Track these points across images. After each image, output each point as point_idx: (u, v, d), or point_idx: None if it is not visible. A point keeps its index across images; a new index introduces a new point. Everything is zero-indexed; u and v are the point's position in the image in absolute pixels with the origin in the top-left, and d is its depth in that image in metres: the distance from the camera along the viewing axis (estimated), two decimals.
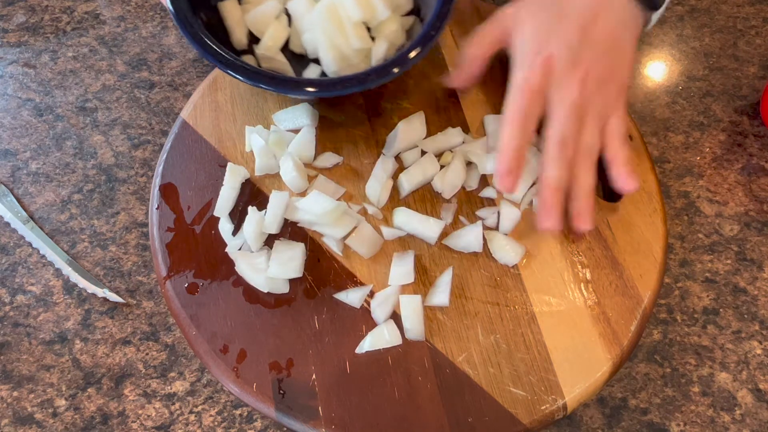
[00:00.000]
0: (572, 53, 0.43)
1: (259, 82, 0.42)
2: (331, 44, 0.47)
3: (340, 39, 0.47)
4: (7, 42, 0.59)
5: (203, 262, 0.44)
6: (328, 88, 0.42)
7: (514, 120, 0.43)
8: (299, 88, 0.42)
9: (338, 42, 0.47)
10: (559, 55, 0.43)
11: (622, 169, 0.43)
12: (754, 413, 0.42)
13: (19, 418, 0.42)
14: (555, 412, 0.39)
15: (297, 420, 0.39)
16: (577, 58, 0.43)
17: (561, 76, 0.43)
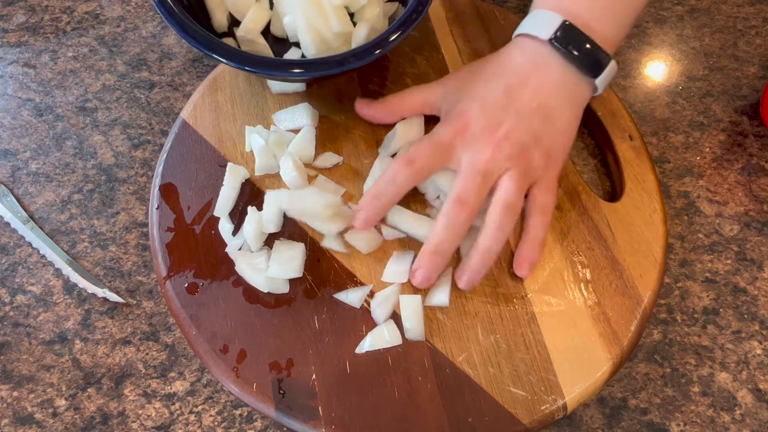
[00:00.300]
0: (492, 115, 0.42)
1: (235, 61, 0.42)
2: (311, 27, 0.46)
3: (320, 22, 0.46)
4: (7, 42, 0.59)
5: (203, 262, 0.44)
6: (307, 68, 0.42)
7: (399, 163, 0.41)
8: (277, 68, 0.42)
9: (318, 25, 0.46)
10: (477, 116, 0.42)
11: (525, 252, 0.42)
12: (754, 413, 0.42)
13: (19, 418, 0.42)
14: (555, 412, 0.39)
15: (297, 420, 0.39)
16: (497, 121, 0.42)
17: (476, 137, 0.42)
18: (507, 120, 0.42)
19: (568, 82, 0.43)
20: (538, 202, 0.43)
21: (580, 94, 0.44)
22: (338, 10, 0.47)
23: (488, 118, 0.42)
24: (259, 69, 0.42)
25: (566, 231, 0.44)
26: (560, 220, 0.45)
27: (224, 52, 0.42)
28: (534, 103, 0.42)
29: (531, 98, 0.43)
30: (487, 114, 0.42)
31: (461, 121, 0.42)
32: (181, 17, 0.43)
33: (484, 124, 0.42)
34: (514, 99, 0.43)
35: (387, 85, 0.51)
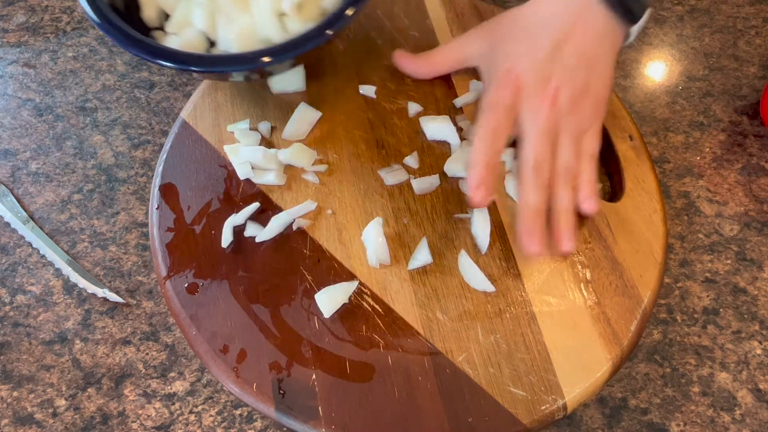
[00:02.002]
0: (541, 71, 0.43)
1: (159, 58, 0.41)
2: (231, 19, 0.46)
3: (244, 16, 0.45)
4: (7, 42, 0.59)
5: (203, 262, 0.44)
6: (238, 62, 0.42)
7: (484, 137, 0.42)
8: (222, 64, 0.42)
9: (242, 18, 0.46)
10: (527, 73, 0.43)
11: (585, 190, 0.43)
12: (754, 413, 0.42)
13: (19, 418, 0.42)
14: (555, 412, 0.39)
15: (297, 420, 0.39)
16: (547, 75, 0.43)
17: (531, 94, 0.43)
18: (556, 74, 0.43)
19: (608, 29, 0.44)
20: (587, 150, 0.44)
21: (618, 40, 0.45)
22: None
23: (538, 75, 0.43)
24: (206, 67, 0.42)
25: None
26: None
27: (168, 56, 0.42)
28: (579, 54, 0.43)
29: (576, 49, 0.43)
30: (537, 70, 0.43)
31: (512, 80, 0.43)
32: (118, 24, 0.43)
33: (536, 81, 0.43)
34: (560, 51, 0.43)
35: (387, 85, 0.51)
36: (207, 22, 0.46)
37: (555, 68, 0.43)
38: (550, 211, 0.42)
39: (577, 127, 0.43)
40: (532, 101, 0.43)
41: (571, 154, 0.43)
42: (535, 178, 0.42)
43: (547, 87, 0.43)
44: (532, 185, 0.42)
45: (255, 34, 0.45)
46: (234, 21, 0.45)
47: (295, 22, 0.45)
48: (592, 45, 0.44)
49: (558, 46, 0.43)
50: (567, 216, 0.42)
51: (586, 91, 0.43)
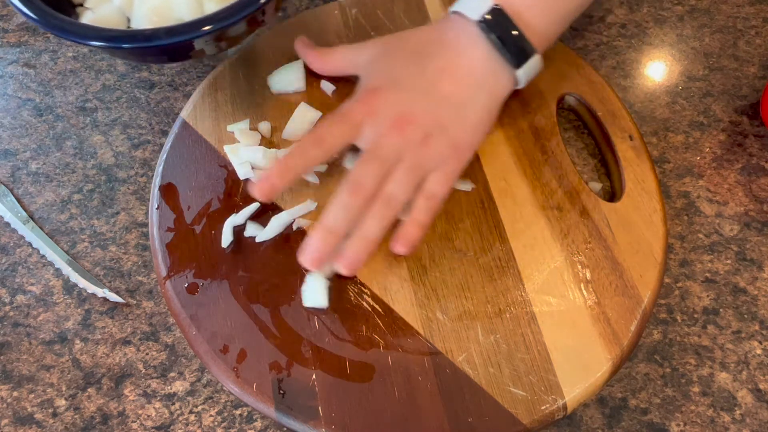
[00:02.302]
0: (404, 97, 0.42)
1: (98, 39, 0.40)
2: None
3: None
4: (7, 42, 0.59)
5: (203, 262, 0.44)
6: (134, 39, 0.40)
7: (302, 142, 0.42)
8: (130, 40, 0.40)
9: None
10: (389, 96, 0.42)
11: (406, 230, 0.42)
12: (754, 413, 0.42)
13: (19, 418, 0.42)
14: (555, 412, 0.39)
15: (297, 420, 0.39)
16: (407, 104, 0.42)
17: (382, 116, 0.42)
18: (417, 105, 0.42)
19: (488, 71, 0.43)
20: (428, 188, 0.43)
21: (499, 84, 0.44)
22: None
23: (400, 100, 0.42)
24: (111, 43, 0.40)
25: (566, 231, 0.44)
26: (560, 220, 0.45)
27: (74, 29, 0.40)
28: (449, 90, 0.42)
29: (447, 84, 0.43)
30: (400, 95, 0.42)
31: (373, 99, 0.42)
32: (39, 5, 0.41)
33: (395, 106, 0.42)
34: (430, 84, 0.43)
35: None
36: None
37: (420, 99, 0.42)
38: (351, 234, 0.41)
39: (421, 163, 0.42)
40: (379, 123, 0.42)
41: (402, 186, 0.41)
42: (347, 198, 0.40)
43: (404, 116, 0.41)
44: (338, 204, 0.41)
45: (170, 11, 0.44)
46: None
47: (213, 4, 0.43)
48: (469, 84, 0.43)
49: (430, 76, 0.43)
50: (359, 245, 0.41)
51: (444, 130, 0.42)
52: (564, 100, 0.51)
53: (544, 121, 0.49)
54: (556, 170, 0.47)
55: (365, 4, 0.55)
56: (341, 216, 0.41)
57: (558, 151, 0.48)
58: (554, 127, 0.49)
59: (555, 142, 0.48)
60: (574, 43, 0.57)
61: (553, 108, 0.49)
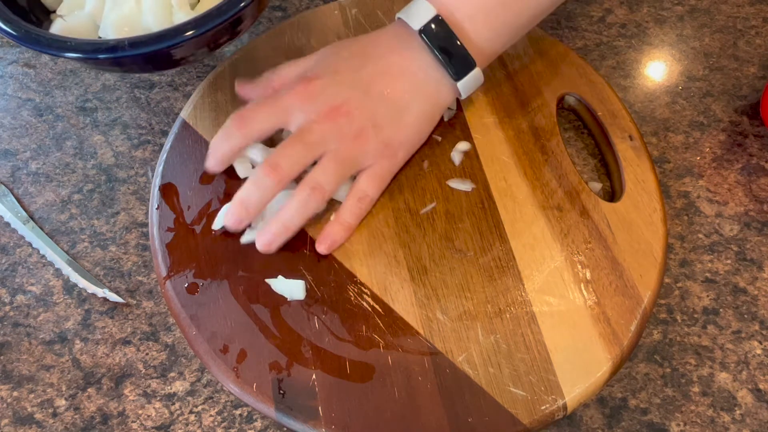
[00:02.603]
0: (340, 90, 0.41)
1: (66, 51, 0.39)
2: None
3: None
4: (7, 42, 0.59)
5: (203, 262, 0.44)
6: (96, 50, 0.39)
7: (234, 122, 0.42)
8: (112, 50, 0.39)
9: (127, 4, 0.43)
10: (325, 85, 0.42)
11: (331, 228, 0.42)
12: (754, 413, 0.42)
13: (19, 418, 0.42)
14: (555, 412, 0.39)
15: (297, 420, 0.39)
16: (343, 96, 0.41)
17: (315, 106, 0.41)
18: (353, 99, 0.42)
19: (430, 78, 0.43)
20: (358, 188, 0.43)
21: (440, 93, 0.44)
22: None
23: (335, 91, 0.42)
24: (87, 54, 0.39)
25: (566, 231, 0.44)
26: (560, 220, 0.45)
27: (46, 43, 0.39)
28: (387, 90, 0.42)
29: (386, 85, 0.42)
30: (337, 87, 0.42)
31: (309, 86, 0.42)
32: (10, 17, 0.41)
33: (329, 96, 0.42)
34: (369, 82, 0.42)
35: None
36: (96, 6, 0.44)
37: (356, 94, 0.42)
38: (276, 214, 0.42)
39: (351, 156, 0.41)
40: (312, 110, 0.41)
41: (329, 176, 0.41)
42: (261, 176, 0.40)
43: (337, 107, 0.41)
44: (252, 181, 0.41)
45: (138, 23, 0.43)
46: (120, 6, 0.43)
47: (182, 15, 0.43)
48: (406, 89, 0.43)
49: (369, 75, 0.42)
50: (277, 228, 0.41)
51: (379, 129, 0.42)
52: (564, 100, 0.51)
53: (544, 121, 0.49)
54: (556, 170, 0.47)
55: (365, 4, 0.55)
56: (254, 193, 0.41)
57: (558, 151, 0.48)
58: (554, 127, 0.49)
59: (555, 142, 0.48)
60: (574, 43, 0.57)
61: (553, 108, 0.49)
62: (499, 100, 0.50)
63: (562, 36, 0.58)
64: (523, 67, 0.51)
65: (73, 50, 0.39)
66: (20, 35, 0.40)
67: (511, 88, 0.50)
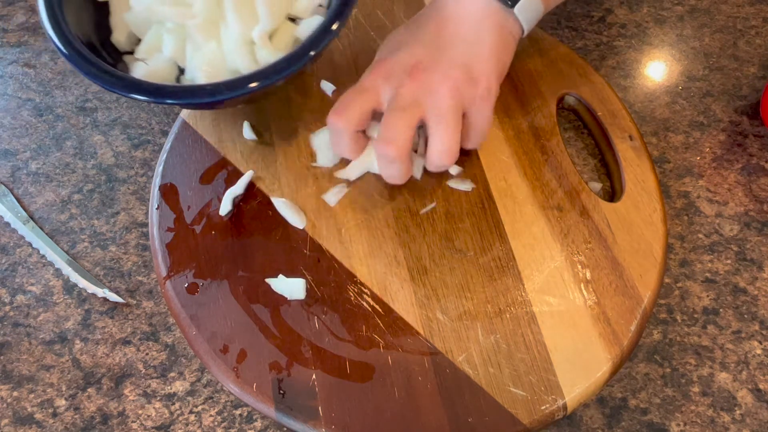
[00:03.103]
0: (412, 53, 0.43)
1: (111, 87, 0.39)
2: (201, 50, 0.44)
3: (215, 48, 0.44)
4: (7, 42, 0.59)
5: (203, 262, 0.44)
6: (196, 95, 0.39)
7: (332, 118, 0.43)
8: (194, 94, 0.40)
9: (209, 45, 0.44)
10: (398, 57, 0.43)
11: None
12: (754, 413, 0.42)
13: (19, 418, 0.42)
14: (555, 412, 0.39)
15: (297, 420, 0.39)
16: (417, 57, 0.43)
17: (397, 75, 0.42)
18: (426, 54, 0.43)
19: (490, 11, 0.44)
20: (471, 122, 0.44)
21: (506, 22, 0.44)
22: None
23: (408, 55, 0.43)
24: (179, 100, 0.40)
25: (566, 231, 0.44)
26: (560, 220, 0.45)
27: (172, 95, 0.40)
28: (455, 35, 0.43)
29: (452, 31, 0.43)
30: (407, 52, 0.43)
31: (384, 64, 0.43)
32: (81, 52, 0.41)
33: (404, 62, 0.43)
34: (435, 34, 0.43)
35: None
36: (176, 49, 0.44)
37: (428, 50, 0.43)
38: None
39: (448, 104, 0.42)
40: (395, 80, 0.42)
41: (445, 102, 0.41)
42: (383, 155, 0.42)
43: (416, 67, 0.42)
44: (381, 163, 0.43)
45: (223, 63, 0.43)
46: (201, 49, 0.43)
47: (265, 52, 0.43)
48: (471, 27, 0.43)
49: (433, 30, 0.43)
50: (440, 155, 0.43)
51: (462, 67, 0.42)
52: (564, 100, 0.51)
53: (544, 121, 0.49)
54: (556, 170, 0.47)
55: (365, 4, 0.55)
56: (391, 172, 0.43)
57: (558, 151, 0.48)
58: (554, 127, 0.49)
59: (555, 142, 0.48)
60: (574, 43, 0.57)
61: (553, 108, 0.49)
62: (499, 100, 0.50)
63: (562, 36, 0.58)
64: (523, 67, 0.51)
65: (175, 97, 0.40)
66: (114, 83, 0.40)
67: (511, 88, 0.50)
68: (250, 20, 0.43)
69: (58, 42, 0.41)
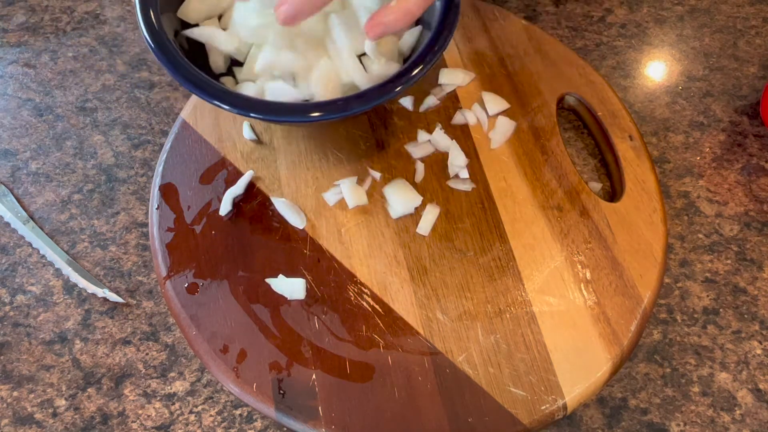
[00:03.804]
0: None
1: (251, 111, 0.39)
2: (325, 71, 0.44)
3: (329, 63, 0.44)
4: (7, 42, 0.59)
5: (203, 262, 0.44)
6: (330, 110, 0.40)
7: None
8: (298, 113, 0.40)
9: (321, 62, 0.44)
10: None
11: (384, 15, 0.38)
12: (754, 413, 0.42)
13: (19, 418, 0.42)
14: (555, 412, 0.39)
15: (297, 420, 0.39)
16: None
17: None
18: None
19: None
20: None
21: None
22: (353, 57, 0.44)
23: None
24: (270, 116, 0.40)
25: (566, 231, 0.44)
26: (560, 220, 0.45)
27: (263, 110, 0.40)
28: None
29: None
30: None
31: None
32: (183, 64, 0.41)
33: None
34: None
35: None
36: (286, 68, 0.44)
37: None
38: None
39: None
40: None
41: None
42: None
43: None
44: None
45: (338, 78, 0.44)
46: (316, 66, 0.44)
47: (375, 63, 0.44)
48: None
49: None
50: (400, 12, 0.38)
51: None
52: (564, 100, 0.51)
53: (544, 121, 0.49)
54: (556, 170, 0.47)
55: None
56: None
57: (558, 151, 0.48)
58: (554, 127, 0.49)
59: (555, 142, 0.48)
60: (574, 43, 0.57)
61: (553, 108, 0.50)
62: (503, 100, 0.50)
63: (562, 36, 0.58)
64: (523, 67, 0.51)
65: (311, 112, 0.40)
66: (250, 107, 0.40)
67: (511, 88, 0.50)
68: (357, 35, 0.43)
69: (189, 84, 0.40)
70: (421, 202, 0.45)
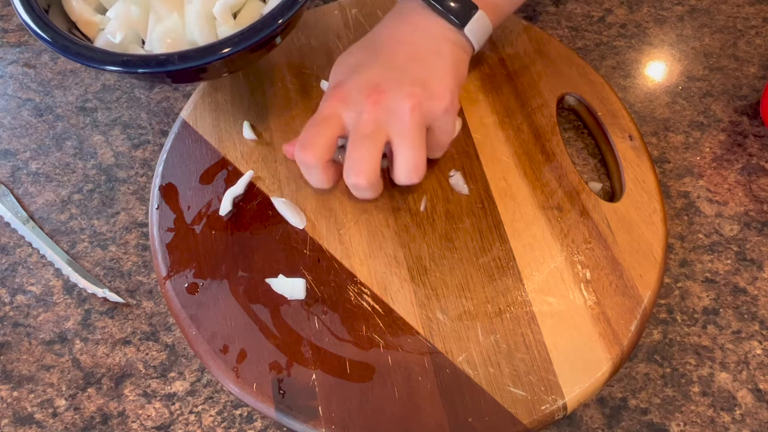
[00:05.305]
0: (368, 76, 0.42)
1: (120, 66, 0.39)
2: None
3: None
4: (7, 42, 0.59)
5: (203, 262, 0.44)
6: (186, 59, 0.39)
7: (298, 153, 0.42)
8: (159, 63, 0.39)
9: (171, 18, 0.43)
10: (353, 81, 0.42)
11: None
12: (754, 413, 0.42)
13: (19, 418, 0.42)
14: (555, 412, 0.39)
15: (297, 420, 0.39)
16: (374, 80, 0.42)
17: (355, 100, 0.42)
18: (384, 76, 0.42)
19: (439, 33, 0.44)
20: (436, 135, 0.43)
21: (458, 42, 0.44)
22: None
23: (366, 78, 0.42)
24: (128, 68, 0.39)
25: (566, 231, 0.44)
26: (560, 220, 0.45)
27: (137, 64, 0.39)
28: (409, 53, 0.43)
29: (407, 51, 0.43)
30: (365, 76, 0.42)
31: (341, 88, 0.43)
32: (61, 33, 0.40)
33: (362, 85, 0.42)
34: (391, 56, 0.43)
35: None
36: (139, 20, 0.44)
37: (383, 72, 0.42)
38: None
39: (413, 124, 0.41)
40: (355, 104, 0.41)
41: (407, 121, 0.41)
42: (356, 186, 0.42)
43: (373, 90, 0.41)
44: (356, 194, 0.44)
45: (183, 36, 0.43)
46: (163, 21, 0.43)
47: (226, 27, 0.43)
48: (423, 46, 0.43)
49: (385, 52, 0.43)
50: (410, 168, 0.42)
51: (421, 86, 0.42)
52: (564, 100, 0.51)
53: (544, 121, 0.49)
54: (556, 170, 0.47)
55: (365, 4, 0.55)
56: (368, 195, 0.43)
57: (558, 151, 0.48)
58: (554, 127, 0.49)
59: (555, 142, 0.48)
60: (574, 43, 0.57)
61: (553, 108, 0.49)
62: (499, 100, 0.50)
63: (562, 36, 0.58)
64: (523, 67, 0.51)
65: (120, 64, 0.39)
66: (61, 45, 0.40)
67: (511, 88, 0.50)
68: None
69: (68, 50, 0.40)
70: None
